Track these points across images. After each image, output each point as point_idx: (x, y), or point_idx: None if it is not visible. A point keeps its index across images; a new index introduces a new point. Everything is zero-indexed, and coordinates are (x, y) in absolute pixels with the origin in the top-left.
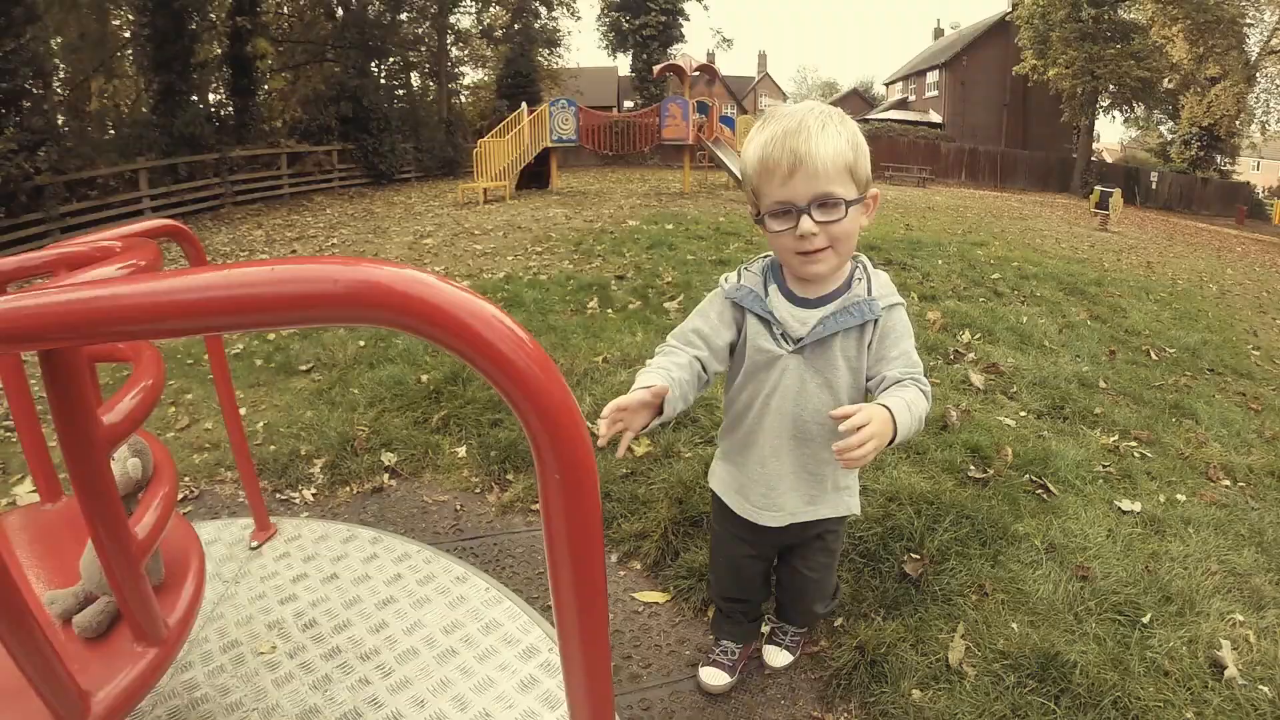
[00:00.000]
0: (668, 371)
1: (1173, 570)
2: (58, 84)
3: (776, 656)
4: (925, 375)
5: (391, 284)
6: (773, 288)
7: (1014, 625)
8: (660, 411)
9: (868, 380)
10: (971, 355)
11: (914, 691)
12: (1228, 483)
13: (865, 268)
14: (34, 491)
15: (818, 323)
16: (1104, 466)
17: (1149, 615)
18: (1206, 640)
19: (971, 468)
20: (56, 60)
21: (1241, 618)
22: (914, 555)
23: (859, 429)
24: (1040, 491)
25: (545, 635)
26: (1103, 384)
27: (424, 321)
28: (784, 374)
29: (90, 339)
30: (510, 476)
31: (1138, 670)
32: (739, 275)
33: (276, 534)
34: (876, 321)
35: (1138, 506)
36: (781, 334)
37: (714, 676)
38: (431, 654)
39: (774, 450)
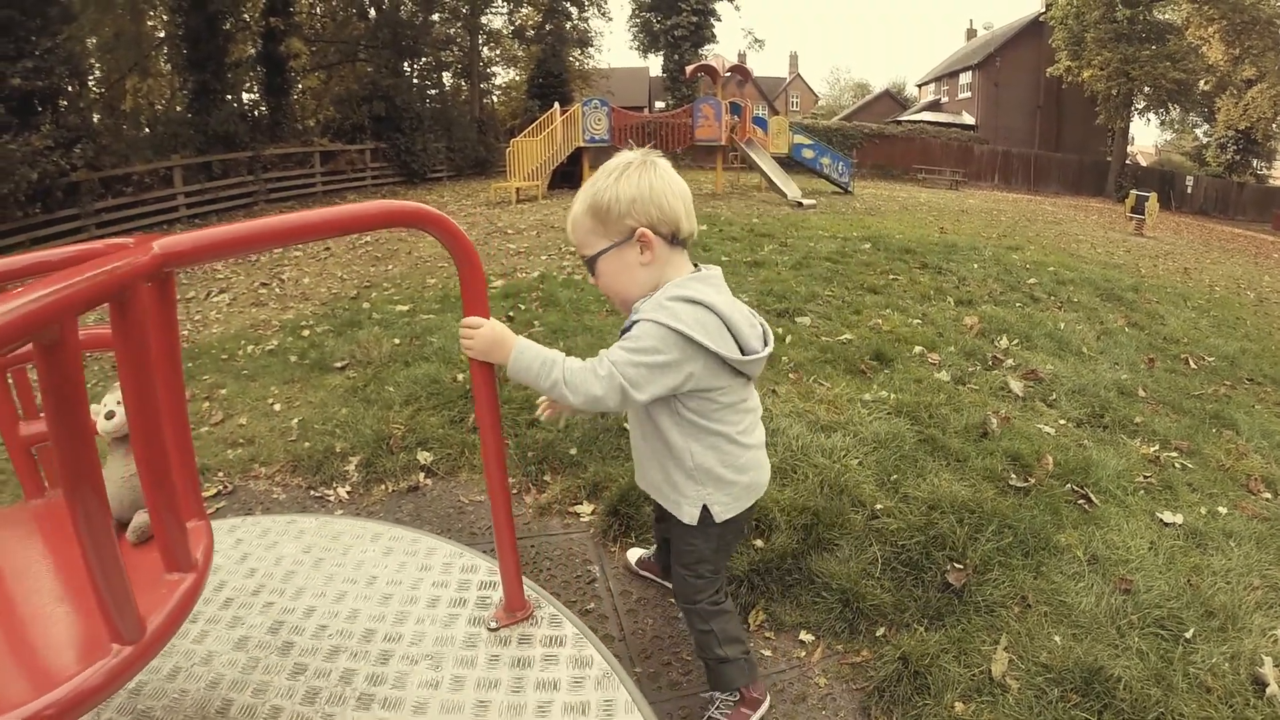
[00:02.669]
0: None
1: (1215, 584)
2: (93, 82)
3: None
4: (634, 369)
5: (403, 207)
6: None
7: (1057, 638)
8: None
9: None
10: (1010, 361)
11: (957, 704)
12: (1269, 496)
13: (665, 289)
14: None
15: None
16: (1145, 477)
17: (1191, 630)
18: (1249, 657)
19: (1012, 476)
20: (92, 59)
21: None
22: (957, 565)
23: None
24: (1082, 502)
25: (394, 528)
26: (1142, 392)
27: (421, 222)
28: None
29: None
30: (548, 478)
31: (1180, 686)
32: None
33: None
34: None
35: (1179, 519)
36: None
37: (632, 554)
38: (309, 561)
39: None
